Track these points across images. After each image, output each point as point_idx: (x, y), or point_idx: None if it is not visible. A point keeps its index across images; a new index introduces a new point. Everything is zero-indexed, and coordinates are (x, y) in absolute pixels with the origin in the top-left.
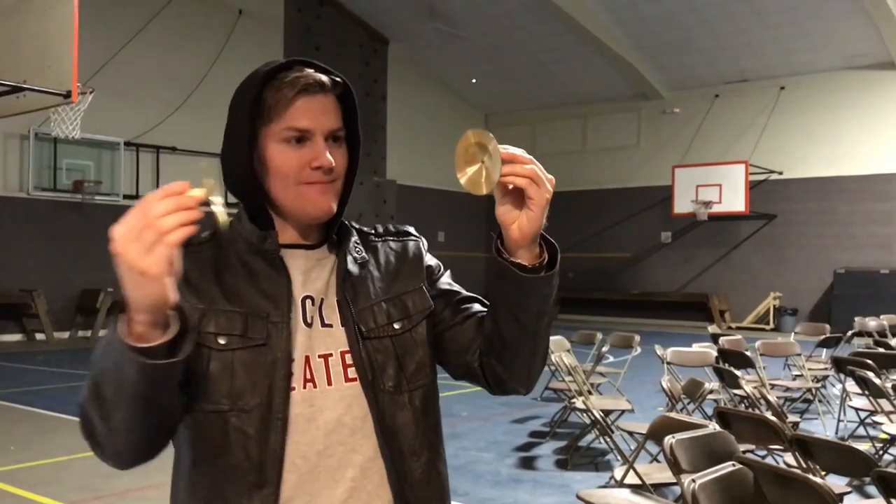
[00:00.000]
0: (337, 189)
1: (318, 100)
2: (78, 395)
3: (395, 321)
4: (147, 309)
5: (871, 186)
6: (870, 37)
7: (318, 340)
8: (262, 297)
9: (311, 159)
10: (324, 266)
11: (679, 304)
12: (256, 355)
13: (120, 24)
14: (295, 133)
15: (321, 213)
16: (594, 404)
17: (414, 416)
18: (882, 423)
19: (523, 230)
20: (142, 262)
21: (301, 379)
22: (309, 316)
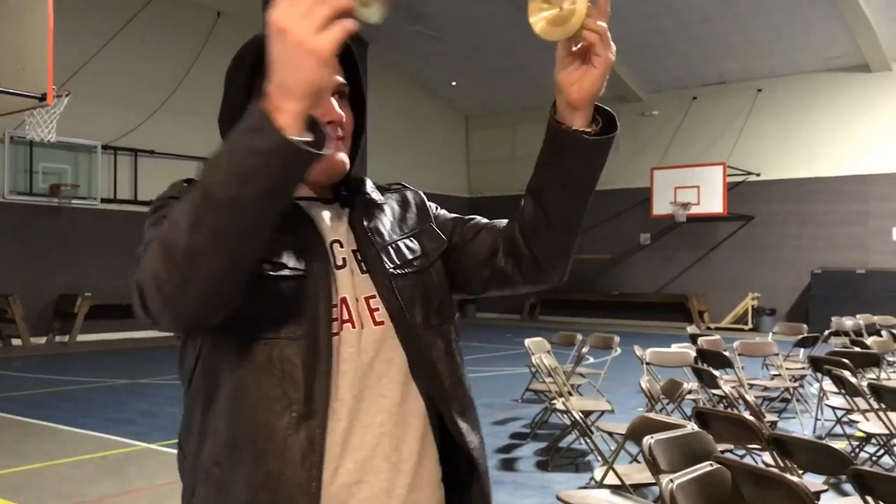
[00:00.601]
0: (347, 146)
1: None
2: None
3: (415, 259)
4: (305, 95)
5: (847, 187)
6: (844, 40)
7: (349, 283)
8: (296, 237)
9: (322, 115)
10: (341, 217)
11: (658, 304)
12: (301, 285)
13: (97, 26)
14: None
15: (336, 170)
16: (574, 405)
17: (446, 349)
18: (858, 422)
19: (584, 90)
20: (314, 40)
21: (339, 321)
22: (339, 259)
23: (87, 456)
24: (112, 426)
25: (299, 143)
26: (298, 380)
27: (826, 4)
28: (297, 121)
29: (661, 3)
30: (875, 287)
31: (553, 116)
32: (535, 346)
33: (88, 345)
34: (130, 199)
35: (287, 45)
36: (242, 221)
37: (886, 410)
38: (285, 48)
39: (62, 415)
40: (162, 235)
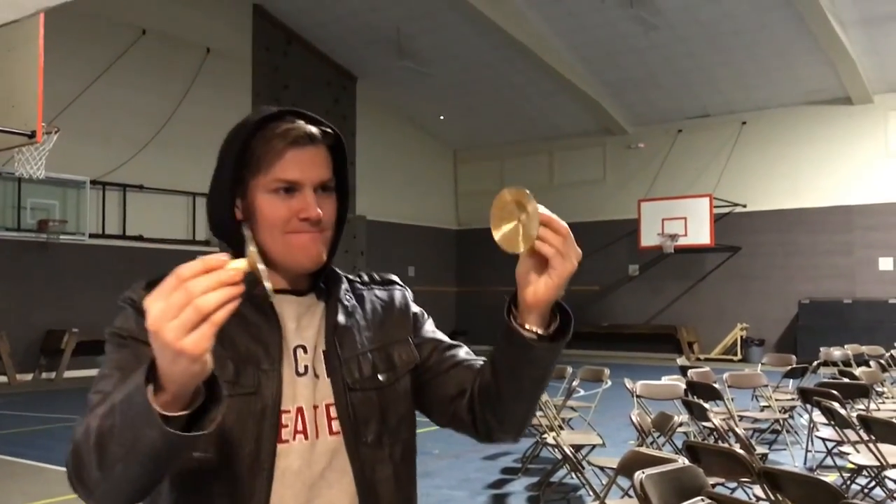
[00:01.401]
0: (326, 238)
1: (308, 151)
2: (73, 434)
3: (381, 373)
4: (183, 384)
5: (832, 218)
6: (826, 73)
7: (309, 391)
8: (255, 344)
9: (300, 210)
10: (314, 314)
11: (648, 336)
12: (246, 403)
13: (87, 62)
14: (284, 184)
15: (311, 262)
16: (565, 440)
17: (394, 471)
18: (849, 454)
19: (538, 296)
20: (181, 343)
21: (292, 431)
22: (301, 366)
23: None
24: None
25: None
26: (236, 499)
27: (808, 39)
28: (176, 400)
29: (646, 38)
30: (862, 317)
31: (508, 308)
32: None
33: (75, 381)
34: (119, 235)
35: (159, 344)
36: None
37: (877, 442)
38: (158, 347)
39: (47, 453)
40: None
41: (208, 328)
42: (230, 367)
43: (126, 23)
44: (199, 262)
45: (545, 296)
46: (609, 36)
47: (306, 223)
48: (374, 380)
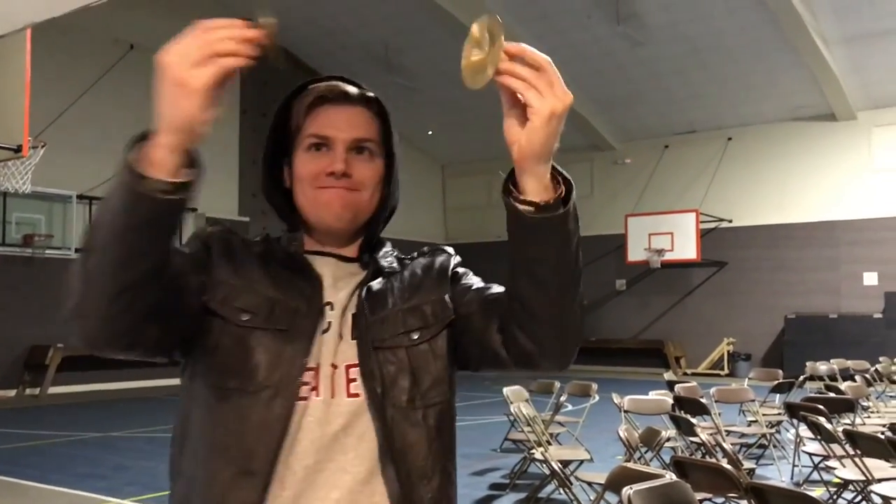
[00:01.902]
0: (358, 199)
1: (343, 109)
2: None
3: (413, 330)
4: (177, 128)
5: (818, 233)
6: (811, 90)
7: (330, 350)
8: (298, 293)
9: (328, 165)
10: (352, 277)
11: (635, 350)
12: (275, 339)
13: (74, 76)
14: (314, 140)
15: (333, 218)
16: (553, 455)
17: (427, 436)
18: (835, 468)
19: (522, 149)
20: (186, 72)
21: (308, 387)
22: (326, 322)
23: None
24: (83, 481)
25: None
26: (244, 435)
27: (793, 56)
28: (171, 155)
29: (632, 55)
30: (847, 331)
31: (506, 184)
32: (514, 394)
33: (60, 397)
34: None
35: (165, 78)
36: (115, 247)
37: (862, 456)
38: (164, 82)
39: (31, 471)
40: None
41: (214, 68)
42: (267, 304)
43: (114, 38)
44: (218, 20)
45: (528, 146)
46: (596, 53)
47: (332, 178)
48: (406, 337)
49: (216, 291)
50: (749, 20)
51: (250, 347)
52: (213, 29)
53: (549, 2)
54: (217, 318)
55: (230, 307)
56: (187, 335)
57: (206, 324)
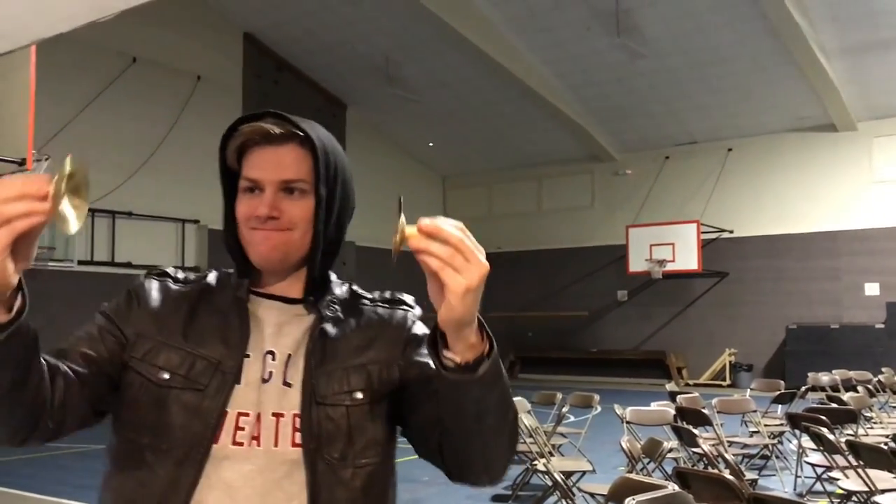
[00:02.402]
0: (287, 239)
1: (271, 150)
2: None
3: (356, 390)
4: None
5: (819, 244)
6: (811, 101)
7: (273, 398)
8: (222, 344)
9: (257, 208)
10: (300, 322)
11: (637, 361)
12: (193, 397)
13: (77, 89)
14: (248, 183)
15: (259, 258)
16: (555, 466)
17: (351, 497)
18: (838, 479)
19: (443, 319)
20: None
21: (248, 435)
22: (266, 372)
23: None
24: (84, 493)
25: None
26: (155, 490)
27: (792, 67)
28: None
29: (631, 67)
30: (849, 342)
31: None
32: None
33: None
34: (107, 262)
35: None
36: None
37: (865, 467)
38: None
39: (30, 482)
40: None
41: (5, 233)
42: (188, 361)
43: (116, 50)
44: (22, 176)
45: (448, 316)
46: (596, 64)
47: (259, 221)
48: (348, 396)
49: (137, 347)
50: (748, 32)
51: (167, 406)
52: (4, 187)
53: (550, 14)
54: (136, 374)
55: (149, 365)
56: (105, 400)
57: (126, 377)
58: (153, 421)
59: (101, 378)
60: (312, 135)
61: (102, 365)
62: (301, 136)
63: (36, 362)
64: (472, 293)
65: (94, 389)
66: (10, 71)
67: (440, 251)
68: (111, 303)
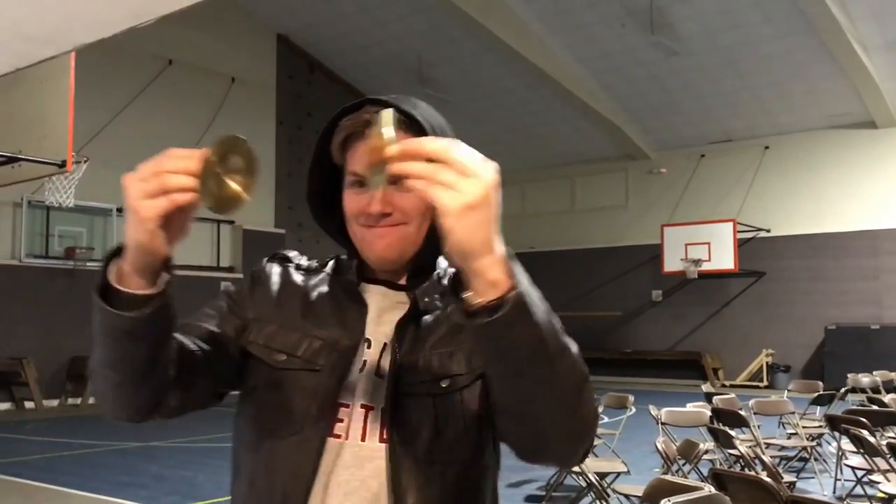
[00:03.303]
0: (403, 234)
1: None
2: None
3: (443, 378)
4: (132, 250)
5: (857, 243)
6: (850, 97)
7: (364, 389)
8: (339, 327)
9: (367, 204)
10: (399, 310)
11: (672, 362)
12: (309, 379)
13: (114, 92)
14: (354, 177)
15: (376, 258)
16: (589, 467)
17: (442, 496)
18: (879, 482)
19: (448, 251)
20: (136, 202)
21: (346, 427)
22: (361, 360)
23: None
24: (123, 490)
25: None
26: (276, 479)
27: (830, 63)
28: (134, 274)
29: (665, 64)
30: (890, 342)
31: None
32: None
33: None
34: None
35: (125, 201)
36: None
37: None
38: (124, 203)
39: (72, 479)
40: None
41: (164, 202)
42: (304, 343)
43: (153, 54)
44: (186, 150)
45: (448, 245)
46: (630, 62)
47: (372, 218)
48: (433, 385)
49: (256, 331)
50: (785, 28)
51: (285, 390)
52: (170, 160)
53: (583, 12)
54: (255, 359)
55: (267, 349)
56: (227, 381)
57: (247, 364)
58: (273, 406)
59: (226, 358)
60: (417, 116)
61: (228, 345)
62: (405, 125)
63: (170, 340)
64: (474, 212)
65: (219, 369)
66: (51, 76)
67: (423, 168)
68: (234, 285)
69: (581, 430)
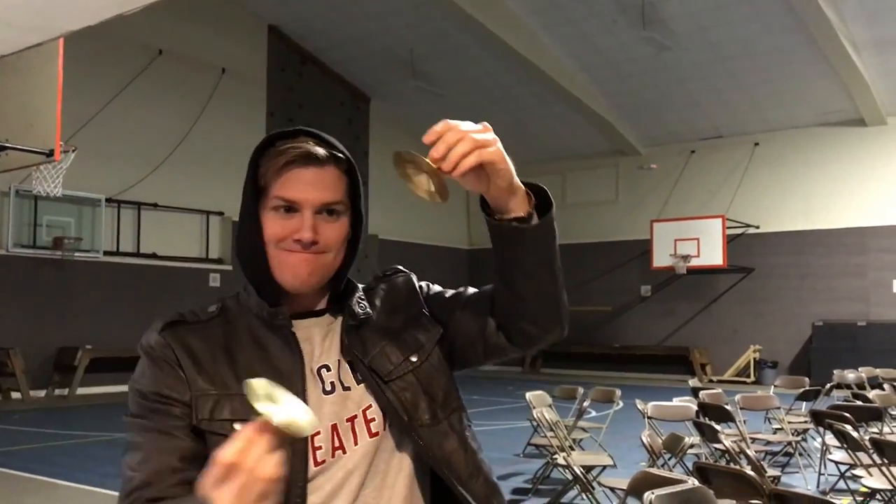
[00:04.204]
0: (324, 261)
1: (312, 171)
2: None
3: (412, 354)
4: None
5: (846, 240)
6: (840, 95)
7: (342, 405)
8: (277, 377)
9: (294, 231)
10: (334, 327)
11: (660, 357)
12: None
13: (103, 82)
14: (282, 203)
15: (298, 282)
16: (575, 460)
17: (459, 440)
18: (862, 477)
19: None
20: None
21: (330, 449)
22: (328, 384)
23: None
24: (110, 481)
25: None
26: None
27: (820, 60)
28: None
29: (657, 60)
30: (876, 339)
31: (482, 206)
32: (537, 399)
33: (88, 398)
34: (133, 252)
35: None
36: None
37: (890, 465)
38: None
39: (59, 469)
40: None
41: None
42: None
43: (142, 43)
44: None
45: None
46: (622, 58)
47: (299, 244)
48: (408, 363)
49: (200, 408)
50: (776, 25)
51: None
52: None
53: (575, 6)
54: (211, 434)
55: (219, 422)
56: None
57: (204, 443)
58: None
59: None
60: (351, 157)
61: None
62: (339, 159)
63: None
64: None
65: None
66: (38, 64)
67: (463, 147)
68: (138, 377)
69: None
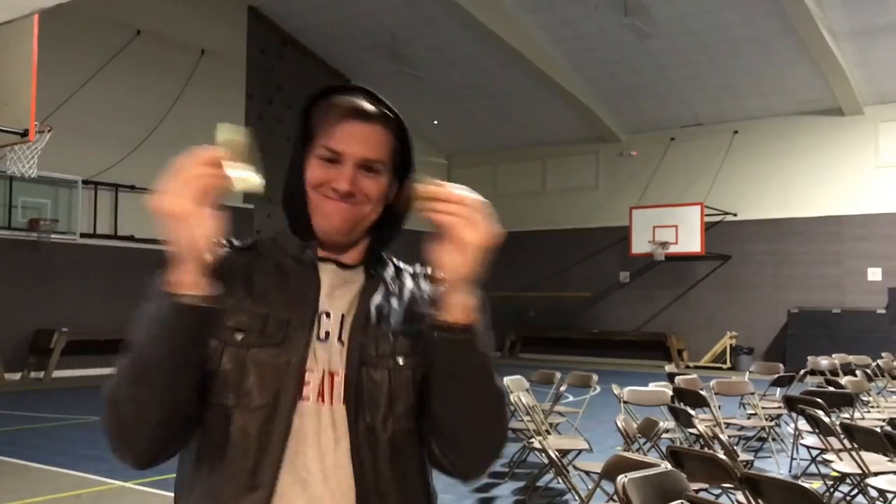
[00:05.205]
0: (358, 212)
1: (360, 127)
2: (104, 388)
3: (400, 355)
4: (182, 255)
5: (822, 228)
6: (818, 84)
7: (326, 358)
8: (289, 304)
9: (333, 179)
10: (350, 287)
11: (638, 343)
12: (270, 355)
13: (80, 62)
14: (327, 152)
15: (331, 229)
16: (551, 444)
17: (390, 457)
18: (832, 461)
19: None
20: (166, 204)
21: (316, 391)
22: (323, 331)
23: (60, 494)
24: (86, 463)
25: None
26: (249, 450)
27: (800, 50)
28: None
29: (639, 46)
30: (850, 326)
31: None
32: (514, 384)
33: (64, 381)
34: (110, 234)
35: (160, 216)
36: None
37: (859, 450)
38: (160, 219)
39: (35, 452)
40: (110, 385)
41: (187, 191)
42: (259, 320)
43: (121, 23)
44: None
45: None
46: (603, 44)
47: (336, 193)
48: (391, 360)
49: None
50: (757, 13)
51: (247, 365)
52: (183, 170)
53: None
54: (214, 339)
55: (224, 328)
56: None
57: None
58: (237, 382)
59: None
60: (404, 119)
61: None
62: (386, 118)
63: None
64: (482, 250)
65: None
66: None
67: (460, 210)
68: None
69: (492, 445)
